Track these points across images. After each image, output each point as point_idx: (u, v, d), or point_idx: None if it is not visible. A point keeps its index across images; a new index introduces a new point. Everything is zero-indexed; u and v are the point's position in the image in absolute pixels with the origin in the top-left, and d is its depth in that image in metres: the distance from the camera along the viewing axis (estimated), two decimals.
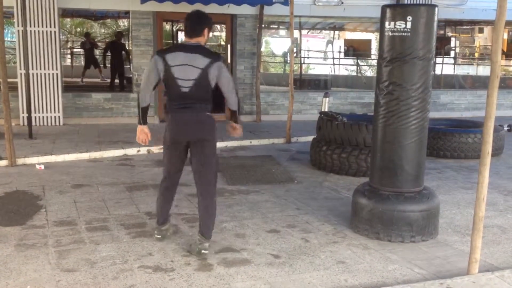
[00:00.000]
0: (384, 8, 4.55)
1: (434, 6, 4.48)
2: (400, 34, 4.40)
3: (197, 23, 4.11)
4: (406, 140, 4.52)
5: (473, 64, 19.00)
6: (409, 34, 4.37)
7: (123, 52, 14.76)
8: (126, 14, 12.94)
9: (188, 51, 4.04)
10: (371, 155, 4.88)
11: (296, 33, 13.67)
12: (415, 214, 4.51)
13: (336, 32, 17.73)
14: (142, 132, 4.27)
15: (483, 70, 17.00)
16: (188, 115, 4.09)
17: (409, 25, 4.35)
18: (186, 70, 4.00)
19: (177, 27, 18.50)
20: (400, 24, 4.38)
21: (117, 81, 14.40)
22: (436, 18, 4.43)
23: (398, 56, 4.43)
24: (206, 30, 4.13)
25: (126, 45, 15.39)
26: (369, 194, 4.68)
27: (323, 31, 17.88)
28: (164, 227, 4.52)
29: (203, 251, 4.15)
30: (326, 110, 9.77)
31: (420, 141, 4.57)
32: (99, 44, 19.49)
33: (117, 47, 14.72)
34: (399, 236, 4.53)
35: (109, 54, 15.13)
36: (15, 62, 10.74)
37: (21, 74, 9.82)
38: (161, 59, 4.03)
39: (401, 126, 4.51)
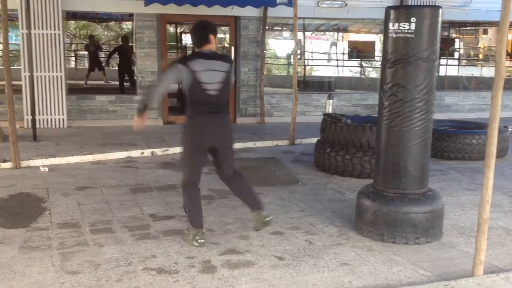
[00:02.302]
0: (388, 9, 4.54)
1: (438, 7, 4.46)
2: (404, 35, 4.39)
3: (203, 32, 4.36)
4: (410, 142, 4.51)
5: (477, 65, 18.98)
6: (413, 35, 4.36)
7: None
8: (130, 16, 12.99)
9: (207, 58, 4.30)
10: (375, 157, 4.87)
11: (300, 35, 13.67)
12: (420, 215, 4.50)
13: (340, 33, 17.75)
14: (141, 121, 4.35)
15: (488, 71, 16.99)
16: (218, 120, 4.37)
17: (413, 26, 4.34)
18: (212, 74, 4.25)
19: (181, 29, 18.55)
20: (404, 26, 4.37)
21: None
22: (440, 20, 4.42)
23: (402, 57, 4.42)
24: (212, 37, 4.36)
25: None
26: (373, 196, 4.67)
27: (327, 32, 17.90)
28: (204, 229, 4.52)
29: (266, 219, 4.57)
30: (330, 111, 9.76)
31: (424, 143, 4.55)
32: (103, 46, 19.55)
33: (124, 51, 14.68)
34: (403, 237, 4.52)
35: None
36: (19, 65, 10.77)
37: (25, 76, 9.84)
38: (184, 67, 4.21)
39: (405, 127, 4.49)
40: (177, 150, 8.44)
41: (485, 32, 19.05)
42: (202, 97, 4.26)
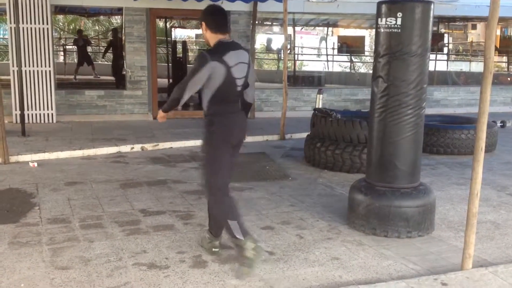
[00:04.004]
0: (378, 4, 4.56)
1: (429, 2, 4.47)
2: (390, 30, 4.41)
3: (224, 18, 3.97)
4: (400, 136, 4.52)
5: (466, 61, 19.07)
6: (399, 30, 4.38)
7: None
8: (119, 10, 12.91)
9: (234, 48, 3.85)
10: (367, 151, 4.89)
11: (289, 30, 13.67)
12: (412, 209, 4.52)
13: (330, 28, 17.76)
14: (165, 117, 4.02)
15: (476, 66, 17.08)
16: (241, 116, 4.01)
17: (399, 21, 4.36)
18: (240, 68, 3.83)
19: (171, 24, 18.47)
20: (391, 21, 4.39)
21: None
22: (430, 14, 4.43)
23: (390, 52, 4.44)
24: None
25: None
26: (365, 190, 4.69)
27: (317, 27, 17.90)
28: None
29: (213, 249, 4.16)
30: (320, 106, 9.78)
31: (414, 138, 4.57)
32: (92, 41, 19.43)
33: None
34: (395, 231, 4.54)
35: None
36: (8, 59, 10.68)
37: (13, 71, 9.77)
38: (220, 63, 3.70)
39: (392, 122, 4.51)
40: (167, 145, 8.46)
41: (474, 27, 19.15)
42: (232, 94, 3.85)
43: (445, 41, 17.25)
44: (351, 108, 12.02)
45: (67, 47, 19.64)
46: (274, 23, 16.11)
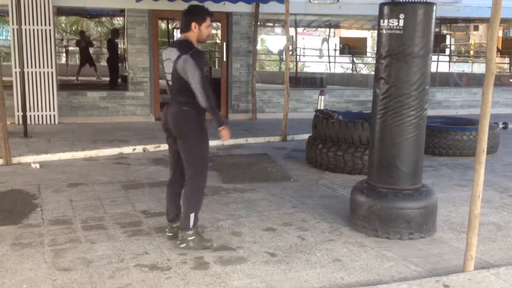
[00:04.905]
0: (380, 6, 4.56)
1: (431, 4, 4.47)
2: (392, 31, 4.41)
3: (184, 17, 4.20)
4: (401, 138, 4.53)
5: (468, 62, 19.04)
6: (401, 31, 4.38)
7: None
8: (121, 12, 12.92)
9: (173, 45, 4.25)
10: (369, 153, 4.89)
11: (291, 31, 13.67)
12: (413, 211, 4.52)
13: (332, 30, 17.73)
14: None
15: (478, 68, 17.05)
16: (169, 108, 4.23)
17: (401, 23, 4.36)
18: (167, 64, 4.19)
19: (173, 25, 18.48)
20: (393, 22, 4.39)
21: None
22: (432, 15, 4.43)
23: (392, 53, 4.44)
24: (194, 25, 4.13)
25: (122, 43, 15.35)
26: (367, 191, 4.69)
27: (319, 29, 17.88)
28: (174, 224, 4.43)
29: (177, 241, 4.31)
30: (321, 108, 9.77)
31: (416, 139, 4.57)
32: (94, 42, 19.44)
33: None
34: (397, 233, 4.54)
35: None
36: (10, 61, 10.69)
37: (16, 72, 9.78)
38: (161, 56, 4.38)
39: (394, 123, 4.51)
40: None
41: (476, 28, 19.12)
42: (168, 86, 4.25)
43: (447, 42, 17.23)
44: (353, 109, 12.02)
45: (69, 48, 19.67)
46: (276, 24, 16.11)
